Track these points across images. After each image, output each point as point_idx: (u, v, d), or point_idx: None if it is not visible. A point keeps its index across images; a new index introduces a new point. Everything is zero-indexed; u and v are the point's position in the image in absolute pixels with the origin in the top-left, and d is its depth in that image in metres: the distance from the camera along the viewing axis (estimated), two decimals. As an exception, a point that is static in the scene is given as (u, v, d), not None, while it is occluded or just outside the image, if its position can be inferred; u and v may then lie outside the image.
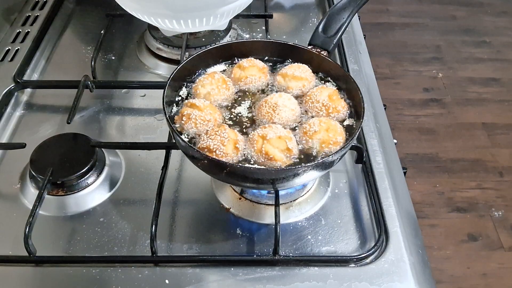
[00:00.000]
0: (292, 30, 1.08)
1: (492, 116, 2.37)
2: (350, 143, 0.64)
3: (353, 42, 1.04)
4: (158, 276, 0.64)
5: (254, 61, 0.76)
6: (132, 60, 1.01)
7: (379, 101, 0.92)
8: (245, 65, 0.75)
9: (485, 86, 2.54)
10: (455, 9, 3.05)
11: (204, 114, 0.67)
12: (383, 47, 2.74)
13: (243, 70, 0.75)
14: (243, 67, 0.75)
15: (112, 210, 0.73)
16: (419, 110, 2.40)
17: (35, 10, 1.11)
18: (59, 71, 0.99)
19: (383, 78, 2.51)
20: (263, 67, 0.76)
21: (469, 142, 2.24)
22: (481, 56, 2.72)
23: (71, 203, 0.73)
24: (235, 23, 1.07)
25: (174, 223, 0.72)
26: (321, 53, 0.77)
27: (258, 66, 0.75)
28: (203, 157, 0.61)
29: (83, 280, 0.64)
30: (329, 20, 0.81)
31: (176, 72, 0.72)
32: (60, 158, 0.75)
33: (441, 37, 2.85)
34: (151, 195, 0.72)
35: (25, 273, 0.65)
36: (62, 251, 0.68)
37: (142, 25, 1.06)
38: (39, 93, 0.93)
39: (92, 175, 0.75)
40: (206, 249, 0.68)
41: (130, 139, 0.83)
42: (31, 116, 0.89)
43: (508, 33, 2.89)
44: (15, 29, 1.05)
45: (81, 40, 1.07)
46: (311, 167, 0.60)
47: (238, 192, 0.74)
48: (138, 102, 0.92)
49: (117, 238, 0.69)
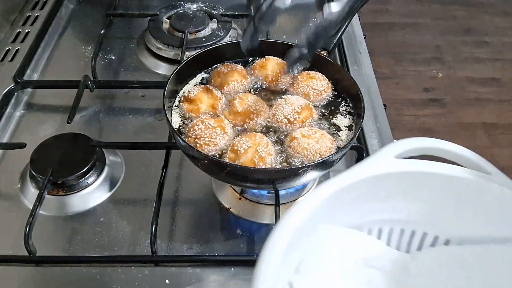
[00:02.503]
0: (292, 30, 1.08)
1: (492, 116, 2.36)
2: (350, 143, 0.64)
3: (353, 42, 1.04)
4: (158, 276, 0.64)
5: (232, 65, 0.76)
6: (132, 60, 1.01)
7: (379, 101, 0.92)
8: (224, 71, 0.75)
9: (485, 86, 2.53)
10: (455, 9, 3.05)
11: None
12: (383, 47, 2.74)
13: (222, 76, 0.74)
14: (222, 73, 0.74)
15: (112, 210, 0.73)
16: (419, 110, 2.40)
17: (35, 10, 1.11)
18: (59, 71, 0.99)
19: (383, 78, 2.51)
20: (242, 69, 0.76)
21: (469, 142, 2.24)
22: (481, 56, 2.72)
23: (71, 203, 0.73)
24: (235, 23, 1.07)
25: (174, 223, 0.72)
26: (321, 53, 0.77)
27: (237, 70, 0.75)
28: (203, 157, 0.61)
29: (83, 280, 0.64)
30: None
31: (176, 72, 0.72)
32: (60, 158, 0.75)
33: (441, 37, 2.85)
34: (151, 195, 0.72)
35: (25, 273, 0.65)
36: (62, 251, 0.68)
37: (142, 25, 1.06)
38: (39, 93, 0.93)
39: (92, 175, 0.75)
40: (206, 249, 0.68)
41: (130, 139, 0.83)
42: (31, 116, 0.89)
43: (508, 33, 2.89)
44: (15, 29, 1.05)
45: (81, 40, 1.07)
46: (311, 167, 0.60)
47: (238, 192, 0.74)
48: (138, 102, 0.92)
49: (117, 238, 0.69)
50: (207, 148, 0.64)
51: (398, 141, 0.54)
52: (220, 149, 0.65)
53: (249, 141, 0.63)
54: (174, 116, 0.70)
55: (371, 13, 2.93)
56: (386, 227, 0.57)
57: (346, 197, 0.51)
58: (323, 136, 0.66)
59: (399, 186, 0.52)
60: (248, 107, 0.69)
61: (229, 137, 0.66)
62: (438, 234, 0.56)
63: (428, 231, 0.56)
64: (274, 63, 0.76)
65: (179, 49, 0.97)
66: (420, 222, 0.56)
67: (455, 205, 0.53)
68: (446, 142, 0.53)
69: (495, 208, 0.50)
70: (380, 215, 0.55)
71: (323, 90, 0.73)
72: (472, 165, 0.51)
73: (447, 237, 0.55)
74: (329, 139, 0.66)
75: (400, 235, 0.57)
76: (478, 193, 0.51)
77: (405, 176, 0.52)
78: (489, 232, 0.52)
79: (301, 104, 0.69)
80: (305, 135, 0.65)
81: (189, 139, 0.65)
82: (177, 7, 1.07)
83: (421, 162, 0.52)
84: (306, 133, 0.66)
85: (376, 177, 0.51)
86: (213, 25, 1.03)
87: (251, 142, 0.63)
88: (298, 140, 0.65)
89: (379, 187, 0.52)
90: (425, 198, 0.54)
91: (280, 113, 0.69)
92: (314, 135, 0.65)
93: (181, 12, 1.06)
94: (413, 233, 0.56)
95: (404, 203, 0.54)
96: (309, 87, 0.73)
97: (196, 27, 1.01)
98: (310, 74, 0.75)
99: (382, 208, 0.55)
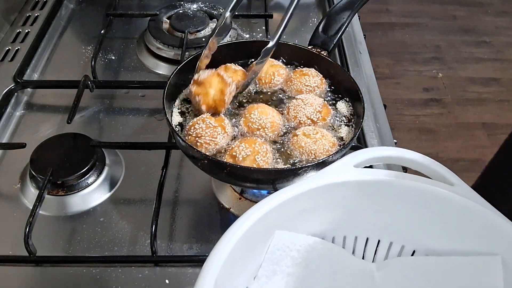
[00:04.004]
0: (292, 30, 1.08)
1: (492, 116, 2.37)
2: (350, 143, 0.64)
3: (353, 42, 1.04)
4: (158, 276, 0.64)
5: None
6: (132, 60, 1.01)
7: (379, 101, 0.92)
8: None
9: (485, 86, 2.54)
10: (455, 9, 3.06)
11: None
12: (383, 47, 2.74)
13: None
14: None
15: (112, 210, 0.73)
16: (419, 110, 2.40)
17: (35, 10, 1.11)
18: (59, 71, 0.99)
19: (383, 78, 2.51)
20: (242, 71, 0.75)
21: (469, 142, 2.24)
22: (481, 56, 2.72)
23: (71, 203, 0.73)
24: (235, 23, 1.07)
25: (174, 223, 0.72)
26: (321, 53, 0.77)
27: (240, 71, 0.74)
28: (203, 157, 0.61)
29: (83, 280, 0.64)
30: (329, 20, 0.81)
31: (176, 72, 0.72)
32: (60, 158, 0.75)
33: (441, 37, 2.85)
34: (151, 195, 0.72)
35: (25, 273, 0.65)
36: (62, 251, 0.68)
37: (142, 25, 1.06)
38: (39, 93, 0.93)
39: (92, 175, 0.75)
40: (206, 249, 0.68)
41: (130, 139, 0.83)
42: (31, 116, 0.89)
43: (508, 33, 2.89)
44: (15, 29, 1.05)
45: (81, 40, 1.07)
46: (311, 167, 0.60)
47: (238, 192, 0.74)
48: (138, 102, 0.92)
49: (117, 238, 0.69)
50: (208, 147, 0.64)
51: (359, 150, 0.54)
52: (220, 148, 0.65)
53: (248, 148, 0.63)
54: (174, 116, 0.70)
55: (371, 13, 2.93)
56: (350, 235, 0.56)
57: (306, 205, 0.51)
58: (324, 138, 0.65)
59: (360, 194, 0.52)
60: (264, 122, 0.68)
61: (229, 136, 0.66)
62: (404, 244, 0.55)
63: (394, 241, 0.55)
64: (268, 65, 0.76)
65: (179, 49, 0.97)
66: (385, 231, 0.55)
67: (419, 215, 0.52)
68: (408, 151, 0.52)
69: (458, 220, 0.50)
70: (344, 224, 0.55)
71: (316, 86, 0.74)
72: (435, 175, 0.51)
73: (413, 248, 0.54)
74: (329, 142, 0.65)
75: (365, 244, 0.56)
76: (441, 205, 0.50)
77: (365, 185, 0.51)
78: (453, 244, 0.51)
79: (320, 103, 0.70)
80: (306, 134, 0.65)
81: (190, 137, 0.65)
82: (177, 7, 1.07)
83: (381, 171, 0.52)
84: (307, 132, 0.66)
85: (334, 185, 0.51)
86: (213, 25, 1.03)
87: (250, 150, 0.63)
88: (297, 138, 0.65)
89: (338, 195, 0.52)
90: (388, 208, 0.53)
91: (302, 115, 0.69)
92: (314, 136, 0.65)
93: (181, 12, 1.06)
94: (379, 243, 0.56)
95: (367, 211, 0.54)
96: (302, 84, 0.73)
97: (196, 27, 1.01)
98: (303, 71, 0.75)
99: (344, 217, 0.54)
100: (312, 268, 0.53)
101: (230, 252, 0.43)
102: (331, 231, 0.55)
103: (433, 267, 0.52)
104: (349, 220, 0.55)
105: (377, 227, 0.55)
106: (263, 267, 0.51)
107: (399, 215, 0.53)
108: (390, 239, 0.55)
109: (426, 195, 0.51)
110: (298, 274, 0.53)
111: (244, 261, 0.46)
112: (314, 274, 0.53)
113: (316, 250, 0.54)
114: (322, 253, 0.54)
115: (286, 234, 0.52)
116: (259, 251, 0.50)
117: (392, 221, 0.54)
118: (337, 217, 0.54)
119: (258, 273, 0.51)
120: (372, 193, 0.52)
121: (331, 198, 0.52)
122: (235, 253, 0.44)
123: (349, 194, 0.52)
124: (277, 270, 0.52)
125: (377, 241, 0.56)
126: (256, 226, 0.46)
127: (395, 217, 0.53)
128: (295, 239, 0.52)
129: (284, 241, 0.52)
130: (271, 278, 0.51)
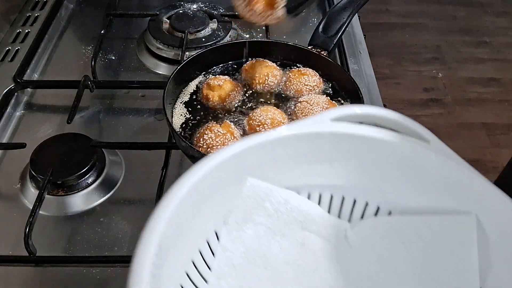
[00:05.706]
0: (292, 30, 1.08)
1: (492, 116, 2.37)
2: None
3: (353, 42, 1.04)
4: (158, 276, 0.64)
5: (223, 77, 0.75)
6: (132, 60, 1.01)
7: (379, 101, 0.92)
8: (217, 84, 0.73)
9: (485, 86, 2.54)
10: (455, 9, 3.05)
11: None
12: (383, 47, 2.74)
13: (216, 90, 0.73)
14: (213, 86, 0.73)
15: (112, 210, 0.73)
16: (419, 110, 2.40)
17: (35, 10, 1.11)
18: (59, 71, 0.99)
19: (383, 78, 2.51)
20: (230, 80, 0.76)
21: (469, 142, 2.24)
22: (481, 56, 2.72)
23: (71, 203, 0.73)
24: (235, 23, 1.07)
25: (174, 223, 0.72)
26: (321, 53, 0.77)
27: (230, 81, 0.75)
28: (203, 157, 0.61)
29: (83, 280, 0.64)
30: (329, 20, 0.81)
31: (176, 72, 0.72)
32: (60, 158, 0.75)
33: (441, 37, 2.85)
34: (151, 195, 0.72)
35: (25, 273, 0.65)
36: (62, 251, 0.68)
37: (142, 25, 1.06)
38: (39, 93, 0.93)
39: (92, 175, 0.75)
40: (206, 249, 0.68)
41: (130, 139, 0.83)
42: (31, 116, 0.89)
43: (508, 33, 2.89)
44: (15, 29, 1.05)
45: (81, 40, 1.07)
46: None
47: (238, 192, 0.74)
48: (138, 102, 0.92)
49: (117, 238, 0.69)
50: None
51: (337, 107, 0.53)
52: None
53: None
54: (174, 116, 0.70)
55: (371, 13, 2.93)
56: (326, 193, 0.55)
57: (280, 154, 0.50)
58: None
59: (336, 148, 0.51)
60: None
61: None
62: (380, 204, 0.54)
63: (370, 201, 0.54)
64: (263, 65, 0.76)
65: (179, 49, 0.97)
66: (361, 190, 0.54)
67: (394, 173, 0.51)
68: (384, 109, 0.51)
69: (433, 177, 0.49)
70: (319, 179, 0.53)
71: (315, 85, 0.74)
72: (411, 132, 0.50)
73: (389, 208, 0.53)
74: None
75: (341, 203, 0.55)
76: (416, 161, 0.49)
77: (341, 138, 0.50)
78: (429, 202, 0.50)
79: (325, 100, 0.70)
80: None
81: (201, 149, 0.65)
82: (177, 7, 1.07)
83: (357, 126, 0.50)
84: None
85: (308, 135, 0.49)
86: (213, 25, 1.03)
87: None
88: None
89: (312, 147, 0.50)
90: (364, 165, 0.52)
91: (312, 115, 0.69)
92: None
93: (181, 12, 1.06)
94: (354, 202, 0.55)
95: (343, 168, 0.53)
96: (302, 84, 0.73)
97: (196, 27, 1.01)
98: (301, 70, 0.75)
99: (320, 172, 0.53)
100: (284, 220, 0.53)
101: (190, 192, 0.43)
102: (306, 188, 0.54)
103: (406, 227, 0.51)
104: (325, 176, 0.53)
105: (352, 186, 0.54)
106: (234, 213, 0.50)
107: (375, 174, 0.52)
108: (365, 198, 0.54)
109: (402, 152, 0.49)
110: (269, 225, 0.52)
111: (209, 203, 0.45)
112: (285, 227, 0.53)
113: (289, 203, 0.53)
114: (295, 206, 0.53)
115: (259, 183, 0.51)
116: (229, 196, 0.49)
117: (368, 180, 0.53)
118: (312, 172, 0.53)
119: (228, 219, 0.50)
120: (347, 149, 0.51)
121: (305, 150, 0.50)
122: (196, 195, 0.43)
123: (324, 147, 0.51)
124: (248, 218, 0.51)
125: (353, 200, 0.55)
126: (223, 169, 0.45)
127: (371, 176, 0.52)
128: (269, 190, 0.51)
129: (256, 190, 0.51)
130: (241, 225, 0.50)
